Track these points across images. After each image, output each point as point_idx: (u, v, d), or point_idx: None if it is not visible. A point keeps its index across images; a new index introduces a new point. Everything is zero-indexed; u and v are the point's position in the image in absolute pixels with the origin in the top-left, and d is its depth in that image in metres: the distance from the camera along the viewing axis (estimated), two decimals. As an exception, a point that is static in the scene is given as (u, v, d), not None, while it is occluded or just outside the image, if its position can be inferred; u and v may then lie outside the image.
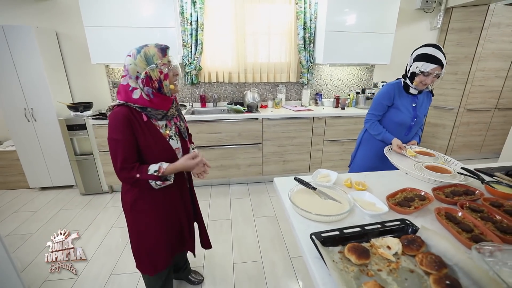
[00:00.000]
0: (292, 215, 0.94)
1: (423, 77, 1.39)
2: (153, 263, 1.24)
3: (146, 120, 1.07)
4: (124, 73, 1.04)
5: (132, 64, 1.01)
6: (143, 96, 1.04)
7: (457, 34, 3.10)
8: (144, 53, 1.00)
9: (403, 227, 0.84)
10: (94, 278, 1.70)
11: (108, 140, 1.04)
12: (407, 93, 1.54)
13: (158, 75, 1.02)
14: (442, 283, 0.61)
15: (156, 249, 1.22)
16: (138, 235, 1.21)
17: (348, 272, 0.68)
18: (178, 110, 1.22)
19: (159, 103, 1.07)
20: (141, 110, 1.05)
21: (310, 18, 2.89)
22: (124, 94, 1.04)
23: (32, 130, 2.64)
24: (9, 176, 2.86)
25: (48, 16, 2.65)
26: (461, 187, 1.11)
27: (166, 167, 1.06)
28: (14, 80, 2.46)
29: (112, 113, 1.03)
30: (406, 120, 1.56)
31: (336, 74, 3.28)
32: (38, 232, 2.17)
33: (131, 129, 1.02)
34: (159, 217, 1.19)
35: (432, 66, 1.34)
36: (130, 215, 1.18)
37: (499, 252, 0.72)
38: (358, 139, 1.85)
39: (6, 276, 1.29)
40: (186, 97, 3.13)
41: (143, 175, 1.03)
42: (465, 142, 3.50)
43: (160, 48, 1.02)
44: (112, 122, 1.02)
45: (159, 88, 1.05)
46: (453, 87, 3.26)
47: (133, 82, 1.03)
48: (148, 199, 1.14)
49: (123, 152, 1.02)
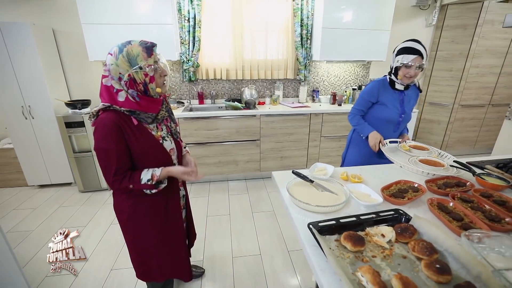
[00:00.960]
0: (291, 206, 0.97)
1: (406, 70, 1.41)
2: (159, 270, 1.22)
3: (137, 123, 0.98)
4: (105, 73, 0.94)
5: (114, 65, 0.91)
6: (129, 98, 0.95)
7: (452, 31, 3.14)
8: (127, 53, 0.90)
9: (396, 216, 0.87)
10: (95, 273, 1.72)
11: (96, 150, 0.94)
12: (394, 89, 1.54)
13: (143, 77, 0.93)
14: (433, 266, 0.65)
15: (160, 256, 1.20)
16: (138, 245, 1.17)
17: (344, 259, 0.71)
18: (169, 111, 1.16)
19: (147, 106, 0.99)
20: (129, 114, 0.96)
21: (307, 15, 2.91)
22: (108, 97, 0.94)
23: (30, 127, 2.63)
24: (7, 174, 2.86)
25: (45, 13, 2.64)
26: (453, 179, 1.15)
27: (159, 174, 1.00)
28: (11, 78, 2.45)
29: (99, 120, 0.93)
30: (394, 116, 1.57)
31: (333, 70, 3.31)
32: (38, 229, 2.18)
33: (122, 136, 0.94)
34: (159, 223, 1.15)
35: (412, 56, 1.36)
36: (127, 224, 1.12)
37: (487, 239, 0.76)
38: (347, 139, 1.84)
39: (9, 271, 1.31)
40: (184, 94, 3.14)
41: (136, 185, 0.97)
42: (460, 138, 3.56)
43: (145, 46, 0.92)
44: (100, 131, 0.92)
45: (145, 91, 0.97)
46: (448, 83, 3.31)
47: (117, 83, 0.94)
48: (147, 206, 1.09)
49: (115, 162, 0.94)
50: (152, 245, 1.17)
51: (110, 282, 1.66)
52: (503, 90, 3.37)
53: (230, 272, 1.73)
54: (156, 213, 1.13)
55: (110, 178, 0.95)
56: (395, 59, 1.46)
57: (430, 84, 3.44)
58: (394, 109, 1.55)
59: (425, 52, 1.38)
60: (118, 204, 1.10)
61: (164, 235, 1.18)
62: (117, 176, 0.96)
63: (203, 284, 1.64)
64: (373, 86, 1.57)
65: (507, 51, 3.18)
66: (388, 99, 1.55)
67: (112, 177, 0.95)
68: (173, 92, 3.10)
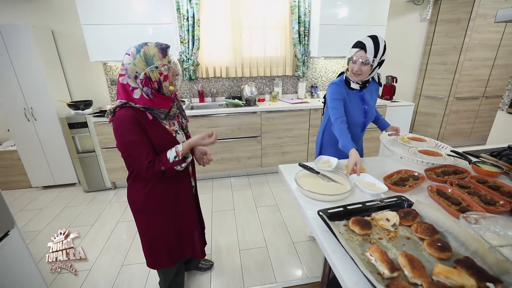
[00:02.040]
0: (299, 196, 1.03)
1: (352, 65, 1.35)
2: (169, 256, 1.29)
3: (152, 118, 1.05)
4: (122, 72, 1.00)
5: (131, 64, 0.97)
6: (143, 96, 1.02)
7: (446, 25, 3.21)
8: (144, 53, 0.97)
9: (399, 202, 0.93)
10: (106, 269, 1.77)
11: (121, 145, 1.00)
12: (350, 89, 1.46)
13: (158, 76, 1.00)
14: (435, 245, 0.71)
15: (172, 241, 1.27)
16: (150, 233, 1.23)
17: (353, 241, 0.77)
18: (180, 108, 1.22)
19: (160, 103, 1.06)
20: (144, 110, 1.03)
21: (304, 12, 2.95)
22: (125, 94, 1.01)
23: (32, 129, 2.65)
24: (10, 176, 2.87)
25: (44, 14, 2.64)
26: (451, 168, 1.21)
27: (182, 148, 1.07)
28: (13, 80, 2.46)
29: (117, 117, 0.99)
30: (358, 117, 1.50)
31: (331, 66, 3.37)
32: (46, 229, 2.22)
33: (141, 128, 1.00)
34: (171, 209, 1.22)
35: (354, 50, 1.32)
36: (140, 214, 1.19)
37: (483, 220, 0.82)
38: (317, 144, 1.73)
39: (24, 266, 1.35)
40: (184, 92, 3.17)
41: (167, 165, 1.04)
42: (455, 130, 3.65)
43: (161, 48, 1.00)
44: (119, 126, 0.99)
45: (159, 89, 1.04)
46: (442, 76, 3.39)
47: (133, 81, 1.00)
48: (159, 195, 1.16)
49: (144, 150, 1.01)
50: (164, 231, 1.24)
51: (122, 278, 1.71)
52: (496, 82, 3.46)
53: (238, 264, 1.79)
54: (168, 200, 1.20)
55: (144, 165, 1.01)
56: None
57: (425, 77, 3.51)
58: (358, 110, 1.48)
59: (372, 47, 1.27)
60: (132, 195, 1.17)
61: (176, 221, 1.26)
62: (150, 163, 1.02)
63: (212, 277, 1.70)
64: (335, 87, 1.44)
65: (499, 44, 3.26)
66: (349, 101, 1.46)
67: (146, 164, 1.01)
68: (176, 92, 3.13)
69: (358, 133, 1.60)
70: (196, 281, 1.67)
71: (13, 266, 1.27)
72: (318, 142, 1.73)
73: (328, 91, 1.48)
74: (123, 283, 1.67)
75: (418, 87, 3.64)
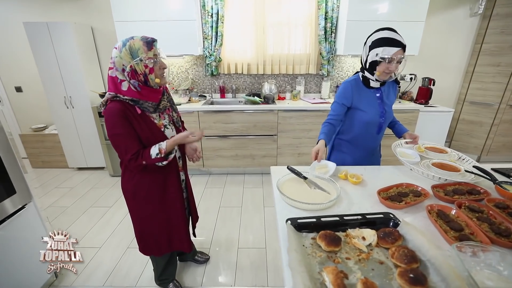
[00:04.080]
0: (278, 201, 0.97)
1: (386, 65, 1.19)
2: (158, 245, 1.34)
3: (140, 112, 1.08)
4: (111, 65, 1.05)
5: (118, 57, 1.01)
6: (131, 88, 1.05)
7: (502, 20, 2.76)
8: (129, 46, 1.00)
9: (385, 220, 0.82)
10: (113, 249, 1.90)
11: (109, 137, 1.06)
12: (369, 87, 1.35)
13: (143, 69, 1.02)
14: (406, 275, 0.61)
15: (160, 232, 1.31)
16: (141, 220, 1.29)
17: (315, 257, 0.70)
18: (170, 101, 1.23)
19: (148, 95, 1.08)
20: (133, 103, 1.06)
21: (332, 7, 2.79)
22: (113, 86, 1.05)
23: (70, 116, 2.95)
24: (53, 156, 3.25)
25: (84, 12, 2.92)
26: (466, 186, 1.04)
27: (165, 146, 1.08)
28: (56, 71, 2.76)
29: (107, 110, 1.04)
30: (374, 118, 1.38)
31: (359, 66, 3.12)
32: (72, 206, 2.46)
33: (128, 122, 1.04)
34: (159, 201, 1.25)
35: (394, 49, 1.16)
36: (132, 202, 1.24)
37: (482, 253, 0.69)
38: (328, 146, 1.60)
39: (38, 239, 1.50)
40: (206, 88, 3.24)
41: (148, 160, 1.07)
42: (506, 143, 3.14)
43: (146, 41, 1.02)
44: (109, 119, 1.03)
45: (145, 81, 1.06)
46: (494, 80, 2.93)
47: (120, 74, 1.03)
48: (147, 187, 1.20)
49: (129, 143, 1.05)
50: (152, 221, 1.28)
51: (126, 259, 1.82)
52: None
53: (233, 262, 1.78)
54: (156, 192, 1.23)
55: (128, 157, 1.05)
56: (370, 52, 1.24)
57: (472, 80, 3.07)
58: (373, 110, 1.36)
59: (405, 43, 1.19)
60: (123, 183, 1.23)
61: (163, 212, 1.28)
62: (133, 156, 1.06)
63: (206, 270, 1.72)
64: (345, 87, 1.36)
65: None
66: (365, 101, 1.36)
67: (129, 156, 1.05)
68: (196, 85, 3.22)
69: (374, 134, 1.46)
70: (190, 272, 1.70)
71: (27, 238, 1.42)
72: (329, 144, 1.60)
73: (338, 89, 1.41)
74: (125, 264, 1.78)
75: (462, 91, 3.20)
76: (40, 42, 2.66)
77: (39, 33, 2.62)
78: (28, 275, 1.43)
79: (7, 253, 1.32)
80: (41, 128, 3.26)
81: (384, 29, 1.21)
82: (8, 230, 1.32)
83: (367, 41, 1.27)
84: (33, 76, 3.06)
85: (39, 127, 3.25)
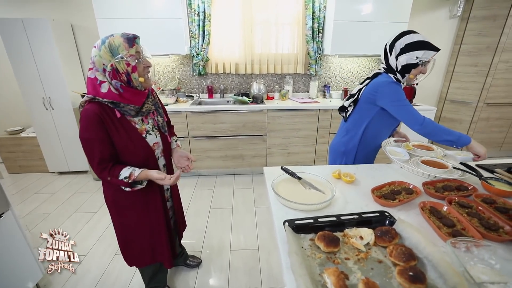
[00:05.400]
0: (273, 202, 0.96)
1: (422, 68, 1.22)
2: (141, 256, 1.27)
3: (120, 116, 1.00)
4: (90, 66, 0.97)
5: (97, 56, 0.93)
6: (111, 90, 0.96)
7: (480, 22, 2.89)
8: (109, 44, 0.93)
9: (381, 218, 0.83)
10: (100, 256, 1.83)
11: (80, 139, 0.97)
12: None
13: (125, 67, 0.95)
14: (406, 274, 0.61)
15: (142, 242, 1.24)
16: (123, 229, 1.22)
17: (314, 259, 0.69)
18: (156, 105, 1.15)
19: (130, 98, 1.00)
20: (113, 106, 0.98)
21: (319, 7, 2.81)
22: (92, 88, 0.97)
23: (50, 118, 2.81)
24: (31, 161, 3.08)
25: (64, 8, 2.78)
26: (454, 183, 1.07)
27: (137, 174, 1.01)
28: (33, 71, 2.61)
29: (83, 111, 0.96)
30: (395, 121, 1.41)
31: (346, 65, 3.19)
32: (54, 213, 2.34)
33: (103, 127, 0.96)
34: (140, 212, 1.18)
35: (433, 53, 1.20)
36: (113, 210, 1.18)
37: (475, 248, 0.71)
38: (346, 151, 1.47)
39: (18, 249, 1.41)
40: (194, 88, 3.18)
41: (113, 179, 1.00)
42: (484, 139, 3.31)
43: (127, 37, 0.94)
44: (83, 122, 0.95)
45: (128, 81, 0.98)
46: (472, 79, 3.07)
47: (101, 75, 0.96)
48: (127, 194, 1.11)
49: (97, 152, 0.97)
50: (135, 230, 1.22)
51: (114, 265, 1.75)
52: (537, 87, 3.07)
53: (226, 264, 1.76)
54: (136, 202, 1.16)
55: (94, 166, 0.99)
56: (404, 55, 1.22)
57: (452, 80, 3.21)
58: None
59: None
60: (105, 191, 1.16)
61: (145, 223, 1.21)
62: (100, 165, 0.98)
63: (199, 274, 1.68)
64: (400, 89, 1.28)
65: (543, 44, 2.88)
66: None
67: (96, 165, 0.98)
68: (183, 85, 3.15)
69: (389, 134, 1.53)
70: (182, 277, 1.66)
71: (6, 248, 1.33)
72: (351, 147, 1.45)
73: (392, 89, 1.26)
74: (114, 271, 1.71)
75: (443, 90, 3.34)
76: (14, 40, 2.50)
77: (14, 30, 2.47)
78: (8, 285, 1.34)
79: (-17, 266, 1.23)
80: (18, 131, 3.08)
81: (411, 32, 1.23)
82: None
83: (396, 44, 1.25)
84: (7, 76, 2.89)
85: (15, 129, 3.07)
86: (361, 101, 1.37)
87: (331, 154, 1.58)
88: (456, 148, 1.19)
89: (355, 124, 1.42)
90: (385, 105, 1.29)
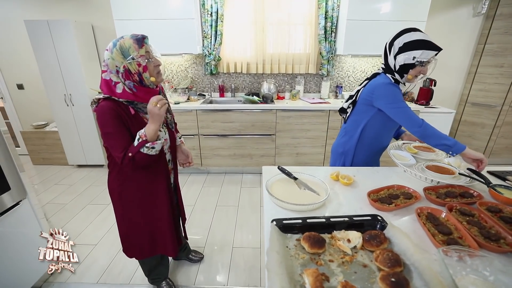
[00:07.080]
0: (267, 201, 0.96)
1: (421, 68, 1.16)
2: (140, 248, 1.32)
3: (134, 113, 1.06)
4: (104, 68, 1.02)
5: (110, 59, 0.98)
6: (126, 90, 1.02)
7: (507, 20, 2.71)
8: (120, 46, 0.98)
9: (372, 222, 0.81)
10: (108, 247, 1.91)
11: (102, 135, 1.04)
12: None
13: (137, 67, 1.00)
14: (388, 279, 0.60)
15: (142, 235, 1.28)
16: (125, 222, 1.26)
17: (297, 259, 0.69)
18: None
19: (143, 96, 1.05)
20: (127, 103, 1.04)
21: (332, 6, 2.76)
22: (107, 90, 1.02)
23: (70, 113, 2.97)
24: (53, 153, 3.28)
25: (85, 10, 2.93)
26: (459, 189, 1.02)
27: (143, 131, 1.02)
28: (56, 69, 2.78)
29: (99, 108, 1.02)
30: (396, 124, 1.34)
31: (360, 66, 3.11)
32: (70, 203, 2.48)
33: (121, 121, 1.02)
34: (145, 202, 1.22)
35: (432, 53, 1.12)
36: (117, 203, 1.22)
37: (468, 258, 0.67)
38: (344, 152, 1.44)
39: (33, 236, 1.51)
40: (205, 87, 3.24)
41: (133, 149, 1.02)
42: (508, 145, 3.10)
43: (136, 39, 0.99)
44: (100, 117, 1.01)
45: (140, 81, 1.03)
46: (497, 81, 2.88)
47: (115, 76, 1.01)
48: (134, 188, 1.16)
49: (120, 142, 1.02)
50: (137, 224, 1.26)
51: (120, 257, 1.82)
52: None
53: (227, 261, 1.78)
54: (143, 194, 1.20)
55: (118, 156, 1.02)
56: (402, 54, 1.16)
57: (474, 81, 3.03)
58: None
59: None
60: (110, 183, 1.21)
61: (149, 216, 1.25)
62: (122, 153, 1.02)
63: (200, 269, 1.72)
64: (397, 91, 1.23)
65: None
66: None
67: (120, 153, 1.02)
68: (195, 84, 3.22)
69: (391, 137, 1.47)
70: (184, 271, 1.70)
71: (22, 234, 1.43)
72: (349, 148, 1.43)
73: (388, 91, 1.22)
74: (120, 261, 1.79)
75: (465, 92, 3.16)
76: (40, 40, 2.67)
77: (40, 31, 2.64)
78: (23, 270, 1.44)
79: (1, 249, 1.33)
80: (42, 125, 3.29)
81: (411, 30, 1.16)
82: (2, 226, 1.33)
83: (395, 43, 1.19)
84: (34, 74, 3.08)
85: (40, 124, 3.28)
86: (359, 102, 1.34)
87: (332, 155, 1.56)
88: (451, 155, 1.12)
89: (353, 125, 1.39)
90: (382, 107, 1.25)
